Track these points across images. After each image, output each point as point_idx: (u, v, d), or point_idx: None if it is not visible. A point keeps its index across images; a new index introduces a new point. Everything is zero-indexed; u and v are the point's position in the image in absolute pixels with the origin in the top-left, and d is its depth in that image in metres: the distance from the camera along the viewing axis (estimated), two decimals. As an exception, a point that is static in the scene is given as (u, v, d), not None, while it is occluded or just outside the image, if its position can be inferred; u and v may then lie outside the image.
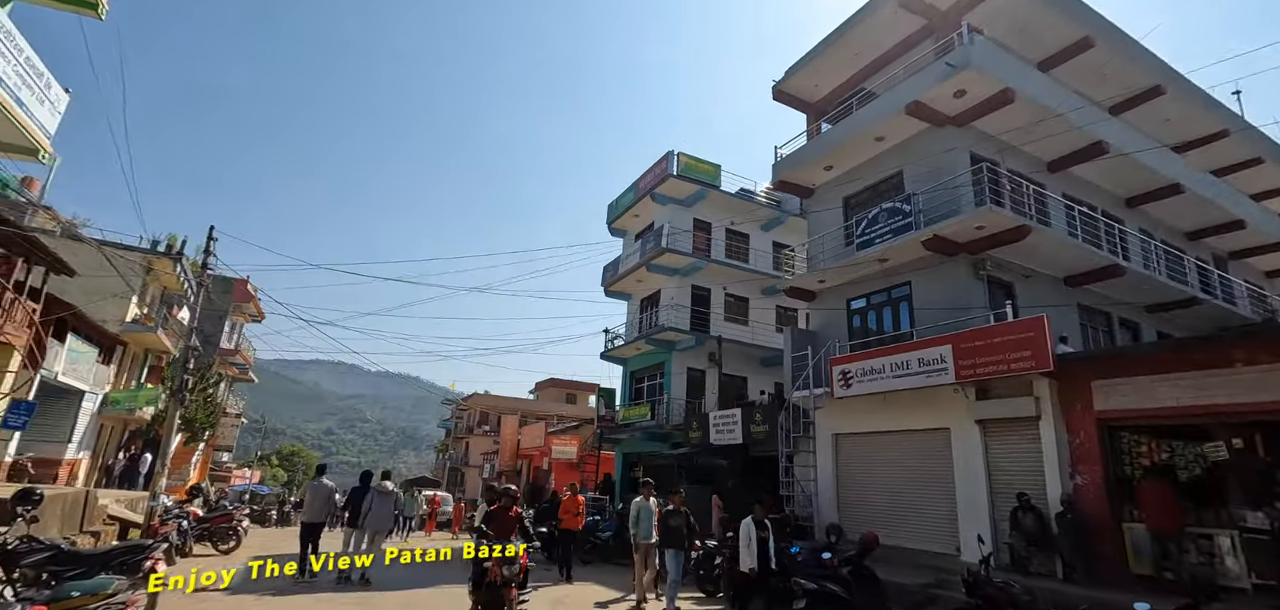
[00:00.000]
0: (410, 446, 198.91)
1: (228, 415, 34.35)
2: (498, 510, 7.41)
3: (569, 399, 58.29)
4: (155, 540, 6.65)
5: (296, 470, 64.43)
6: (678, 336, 21.76)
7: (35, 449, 16.12)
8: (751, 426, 16.13)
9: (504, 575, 6.46)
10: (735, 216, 24.56)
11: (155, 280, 21.70)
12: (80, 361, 16.51)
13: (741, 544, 7.96)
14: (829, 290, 15.46)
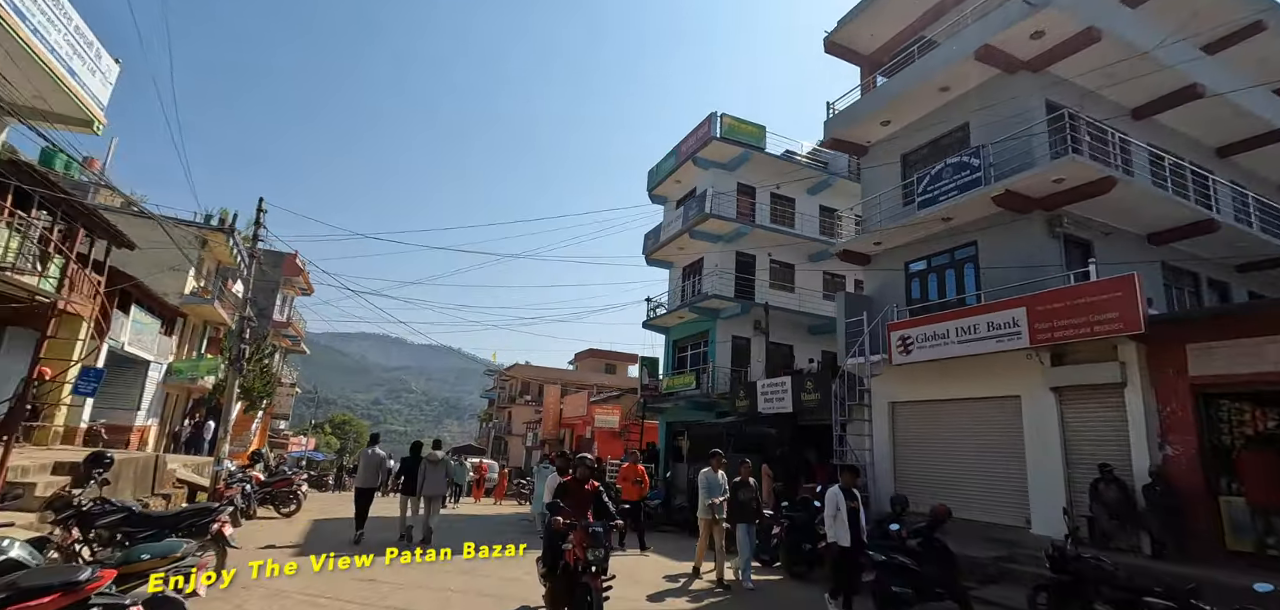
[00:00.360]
0: (453, 416, 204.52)
1: (283, 385, 35.61)
2: (573, 483, 6.31)
3: (608, 369, 58.61)
4: (221, 503, 6.70)
5: (348, 438, 66.88)
6: (722, 304, 21.30)
7: (107, 416, 16.88)
8: (802, 395, 15.67)
9: (588, 560, 5.39)
10: (780, 180, 23.74)
11: (210, 254, 22.33)
12: (144, 332, 17.12)
13: (828, 515, 7.33)
14: (885, 253, 14.74)
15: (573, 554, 5.44)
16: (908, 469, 13.49)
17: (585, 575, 5.35)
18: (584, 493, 6.09)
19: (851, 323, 14.46)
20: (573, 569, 5.45)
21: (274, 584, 7.05)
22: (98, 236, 13.70)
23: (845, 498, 7.30)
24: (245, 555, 8.42)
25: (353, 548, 9.83)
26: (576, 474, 6.30)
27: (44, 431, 13.02)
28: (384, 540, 10.65)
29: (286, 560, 8.54)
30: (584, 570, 5.36)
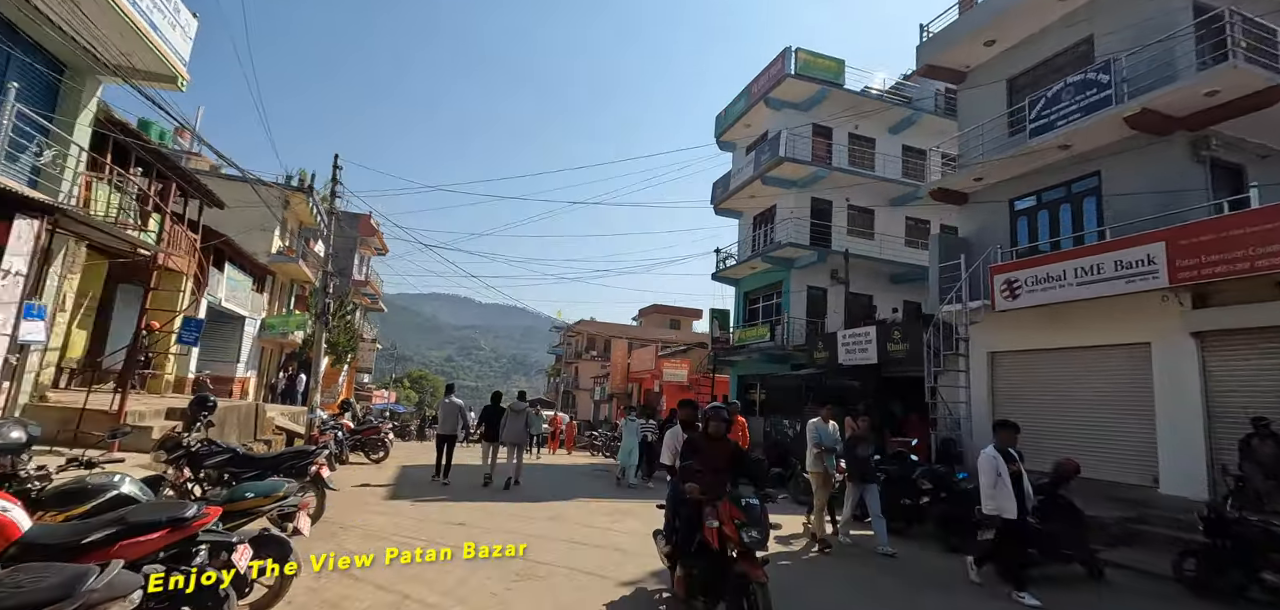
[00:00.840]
0: (520, 372, 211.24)
1: (365, 340, 37.34)
2: (705, 438, 5.02)
3: (673, 324, 58.34)
4: (318, 446, 6.78)
5: (424, 392, 70.18)
6: (797, 253, 20.34)
7: (211, 368, 18.02)
8: (888, 345, 14.76)
9: (743, 542, 4.09)
10: (860, 119, 22.20)
11: (292, 214, 23.24)
12: (238, 289, 18.04)
13: (985, 482, 6.16)
14: (986, 189, 13.43)
15: (719, 532, 4.29)
16: (1009, 423, 12.49)
17: (741, 562, 4.10)
18: (720, 450, 4.92)
19: (946, 267, 13.35)
20: (720, 552, 4.31)
21: (372, 524, 7.15)
22: (191, 196, 14.31)
23: (1004, 460, 6.14)
24: (342, 495, 8.65)
25: (431, 491, 10.02)
26: (709, 427, 5.04)
27: (156, 380, 13.95)
28: (469, 484, 10.92)
29: (379, 501, 8.74)
30: (740, 555, 4.14)
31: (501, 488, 10.90)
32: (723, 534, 4.26)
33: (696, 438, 5.14)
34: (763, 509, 4.29)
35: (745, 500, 4.29)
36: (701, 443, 5.00)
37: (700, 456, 4.85)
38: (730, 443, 5.09)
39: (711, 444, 4.95)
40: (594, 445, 22.75)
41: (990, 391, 12.78)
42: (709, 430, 5.03)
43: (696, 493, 4.56)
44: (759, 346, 20.92)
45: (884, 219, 22.31)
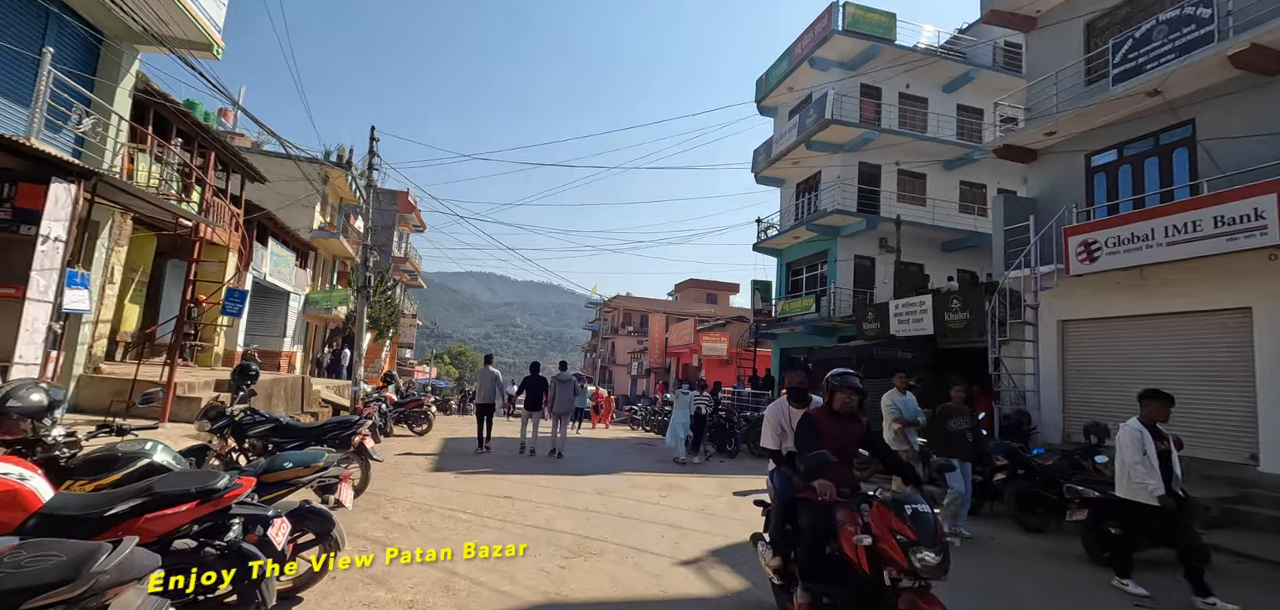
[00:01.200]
0: (556, 348, 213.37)
1: (406, 316, 37.88)
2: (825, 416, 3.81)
3: (710, 299, 57.68)
4: (362, 417, 6.58)
5: (464, 368, 71.34)
6: (844, 220, 19.46)
7: (259, 342, 18.32)
8: (946, 315, 13.94)
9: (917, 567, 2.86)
10: (911, 77, 21.01)
11: (332, 190, 23.39)
12: (282, 265, 18.22)
13: (1128, 459, 5.21)
14: (1059, 144, 12.40)
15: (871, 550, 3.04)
16: (1080, 398, 11.69)
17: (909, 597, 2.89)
18: (849, 431, 3.76)
19: (1012, 230, 12.44)
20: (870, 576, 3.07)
21: (417, 496, 6.95)
22: (232, 170, 14.35)
23: (1151, 436, 5.25)
24: (387, 466, 8.52)
25: (474, 462, 9.83)
26: (834, 400, 3.78)
27: (206, 354, 14.16)
28: (510, 455, 10.77)
29: (423, 473, 8.57)
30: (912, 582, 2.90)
31: (547, 457, 11.17)
32: (878, 553, 3.03)
33: (816, 414, 3.84)
34: (936, 519, 3.06)
35: (912, 507, 3.02)
36: (823, 422, 3.75)
37: (825, 440, 3.62)
38: (862, 421, 3.84)
39: (836, 423, 3.75)
40: (634, 419, 22.50)
41: (1060, 363, 11.92)
42: (835, 404, 3.77)
43: (831, 494, 3.28)
44: (804, 318, 20.22)
45: (937, 183, 21.19)
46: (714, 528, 6.45)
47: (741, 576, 4.93)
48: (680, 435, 12.36)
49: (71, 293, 6.16)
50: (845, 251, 20.12)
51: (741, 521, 6.89)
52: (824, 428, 3.73)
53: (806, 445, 3.62)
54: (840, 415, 3.79)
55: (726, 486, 9.32)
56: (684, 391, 12.84)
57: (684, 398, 12.63)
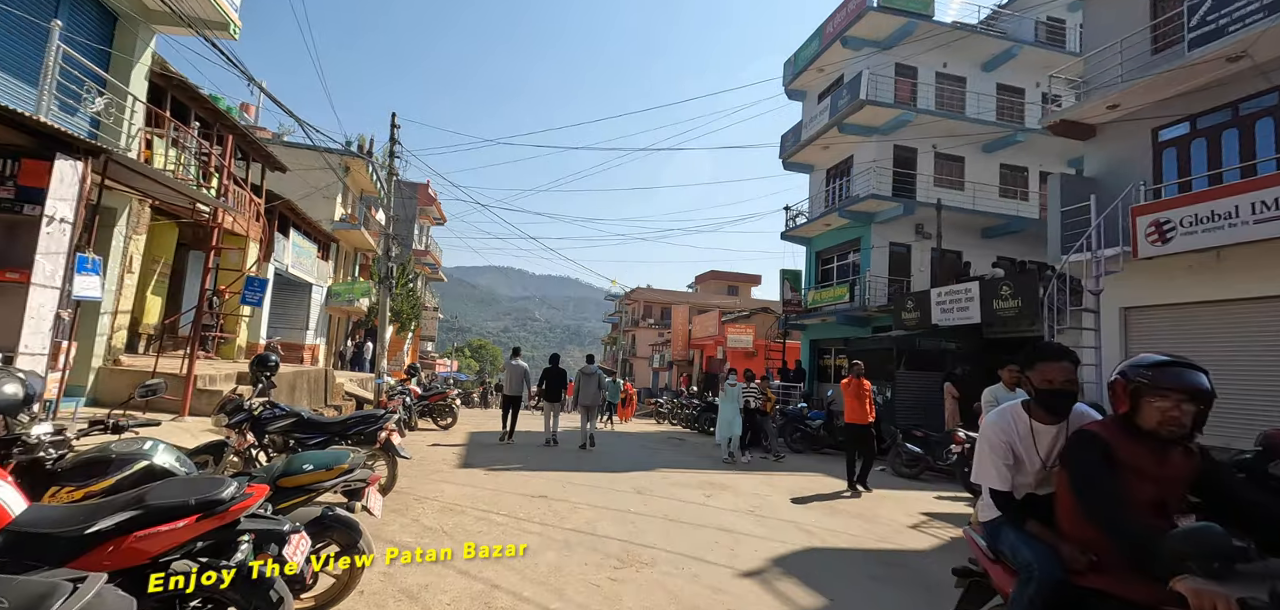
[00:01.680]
0: (575, 342, 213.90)
1: (427, 309, 37.76)
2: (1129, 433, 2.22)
3: (731, 291, 56.91)
4: (387, 411, 6.13)
5: (484, 361, 71.52)
6: (879, 205, 18.68)
7: (281, 334, 18.12)
8: (995, 302, 13.17)
9: None
10: (949, 56, 20.12)
11: (353, 181, 23.14)
12: (304, 256, 17.98)
13: None
14: (1121, 119, 11.55)
15: None
16: (1146, 389, 10.87)
17: None
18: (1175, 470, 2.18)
19: (1070, 211, 11.63)
20: None
21: (447, 495, 6.49)
22: (252, 158, 14.05)
23: None
24: (414, 463, 8.09)
25: (503, 457, 9.38)
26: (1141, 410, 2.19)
27: (228, 346, 13.91)
28: (539, 450, 10.33)
29: (451, 469, 8.13)
30: None
31: (578, 450, 11.11)
32: None
33: (1110, 436, 2.23)
34: None
35: None
36: (1129, 451, 2.18)
37: (1134, 485, 2.16)
38: (1194, 452, 2.21)
39: (1151, 455, 2.18)
40: (659, 412, 21.99)
41: (1123, 352, 11.12)
42: (1149, 420, 2.16)
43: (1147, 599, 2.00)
44: (836, 308, 19.49)
45: (975, 167, 20.28)
46: (771, 533, 5.89)
47: (815, 592, 4.36)
48: (734, 432, 11.38)
49: (81, 279, 5.79)
50: (879, 238, 19.33)
51: (797, 526, 6.32)
52: (1132, 461, 2.17)
53: (1106, 496, 2.09)
54: (1155, 438, 2.17)
55: (772, 484, 8.76)
56: (732, 383, 11.80)
57: (733, 390, 11.63)
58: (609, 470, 8.99)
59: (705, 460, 11.16)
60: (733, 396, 11.52)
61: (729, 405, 11.47)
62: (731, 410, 11.41)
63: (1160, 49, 11.09)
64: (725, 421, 11.42)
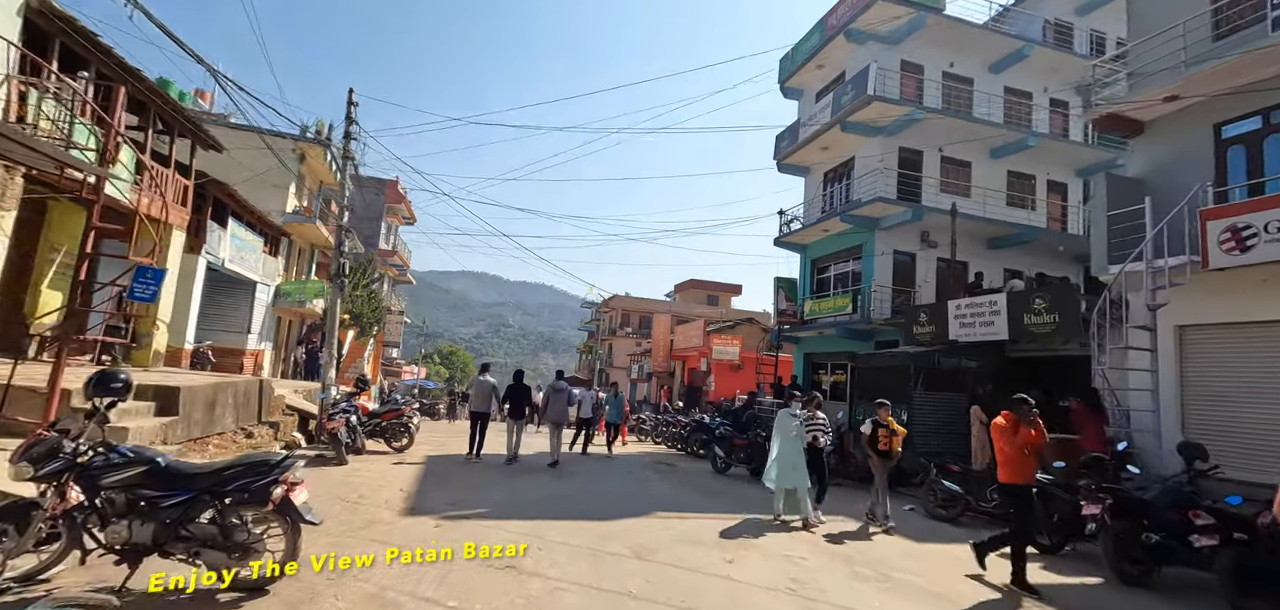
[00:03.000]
0: (549, 350, 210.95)
1: (392, 312, 35.45)
2: None
3: (711, 300, 55.57)
4: (289, 456, 4.27)
5: (455, 368, 68.86)
6: (885, 210, 17.31)
7: (216, 338, 15.96)
8: (1025, 316, 11.79)
9: None
10: (956, 55, 18.97)
11: (310, 171, 21.02)
12: (246, 250, 15.87)
13: None
14: (1177, 114, 10.27)
15: None
16: (1202, 416, 9.59)
17: None
18: None
19: (1119, 216, 10.30)
20: None
21: (375, 581, 4.65)
22: (179, 132, 12.00)
23: None
24: (339, 512, 6.21)
25: (464, 495, 7.53)
26: None
27: (143, 352, 11.79)
28: (509, 495, 8.48)
29: (392, 517, 6.28)
30: None
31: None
32: None
33: None
34: None
35: None
36: None
37: None
38: None
39: None
40: (641, 429, 20.24)
41: (1178, 376, 9.80)
42: None
43: None
44: (835, 320, 18.06)
45: (982, 172, 19.11)
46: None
47: None
48: (799, 485, 7.71)
49: None
50: (883, 245, 17.97)
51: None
52: None
53: None
54: None
55: (800, 538, 7.09)
56: (792, 408, 8.44)
57: (789, 420, 8.13)
58: (594, 517, 7.23)
59: (708, 497, 9.47)
60: (788, 428, 7.96)
61: (790, 445, 7.85)
62: (794, 451, 7.83)
63: (1223, 35, 9.85)
64: (786, 466, 7.76)
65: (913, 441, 12.24)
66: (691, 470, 12.43)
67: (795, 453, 7.83)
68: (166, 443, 8.49)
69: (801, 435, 7.98)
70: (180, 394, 8.87)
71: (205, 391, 9.69)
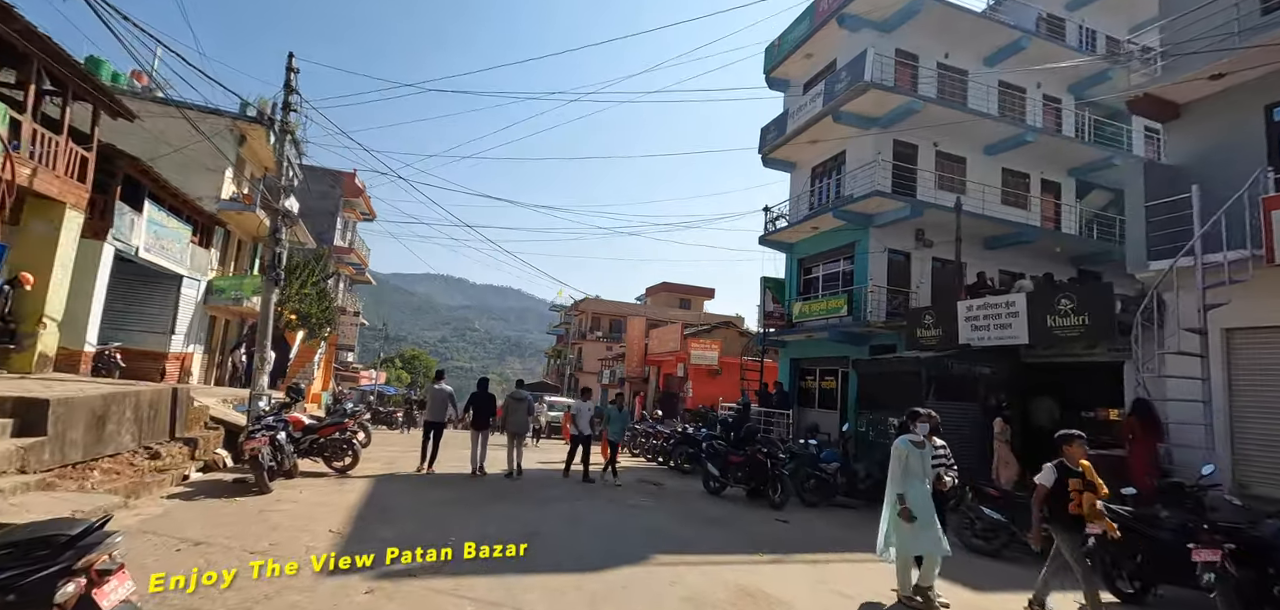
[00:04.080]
0: (515, 354, 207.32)
1: (346, 313, 33.11)
2: None
3: (683, 304, 54.33)
4: (95, 527, 2.63)
5: (418, 373, 66.05)
6: (881, 205, 16.21)
7: (129, 338, 13.84)
8: (1049, 318, 10.71)
9: None
10: (951, 46, 18.09)
11: (251, 154, 18.91)
12: (168, 238, 13.79)
13: None
14: (1220, 95, 9.34)
15: None
16: (1253, 430, 8.65)
17: None
18: None
19: (1159, 207, 9.29)
20: None
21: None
22: (74, 94, 10.01)
23: None
24: (258, 556, 4.54)
25: (411, 531, 5.91)
26: None
27: (24, 356, 9.75)
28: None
29: (310, 579, 4.63)
30: None
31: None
32: None
33: None
34: None
35: None
36: None
37: None
38: None
39: None
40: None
41: (1228, 386, 8.83)
42: None
43: None
44: (828, 324, 16.87)
45: (977, 169, 18.25)
46: None
47: None
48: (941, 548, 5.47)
49: None
50: (877, 244, 16.88)
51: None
52: None
53: None
54: None
55: (825, 579, 5.69)
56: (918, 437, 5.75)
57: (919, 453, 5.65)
58: (581, 566, 5.71)
59: (711, 530, 8.03)
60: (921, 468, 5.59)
61: (920, 492, 5.46)
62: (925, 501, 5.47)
63: (1274, 7, 8.92)
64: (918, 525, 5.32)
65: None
66: (681, 491, 10.99)
67: (927, 501, 5.48)
68: (27, 471, 6.64)
69: (928, 472, 5.71)
70: (50, 408, 7.01)
71: (90, 403, 7.80)
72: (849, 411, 16.48)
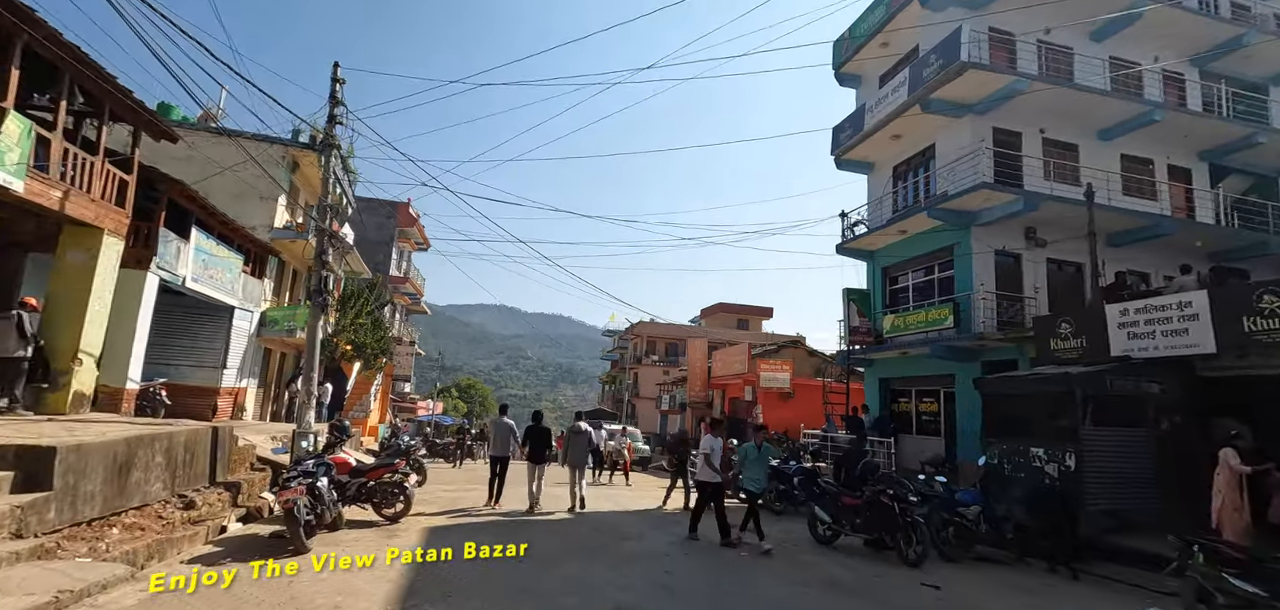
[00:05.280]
0: (568, 381, 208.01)
1: (402, 343, 32.79)
2: None
3: (741, 324, 52.45)
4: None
5: (474, 402, 66.08)
6: (988, 199, 14.18)
7: (178, 375, 13.22)
8: (1248, 320, 8.53)
9: None
10: (1053, 20, 15.96)
11: (304, 182, 18.50)
12: (218, 267, 13.18)
13: None
14: None
15: None
16: None
17: None
18: None
19: None
20: None
21: None
22: (116, 116, 9.35)
23: None
24: None
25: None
26: None
27: (59, 395, 8.99)
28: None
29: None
30: None
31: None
32: None
33: None
34: None
35: None
36: None
37: None
38: None
39: None
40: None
41: None
42: None
43: None
44: (929, 337, 14.83)
45: (1091, 155, 15.98)
46: None
47: None
48: None
49: None
50: (981, 244, 14.79)
51: None
52: None
53: None
54: None
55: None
56: None
57: None
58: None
59: (840, 599, 6.30)
60: None
61: None
62: None
63: None
64: None
65: (1083, 495, 8.99)
66: (780, 539, 9.21)
67: None
68: (24, 535, 5.61)
69: None
70: (56, 457, 5.99)
71: (111, 449, 6.78)
72: (958, 439, 14.36)
